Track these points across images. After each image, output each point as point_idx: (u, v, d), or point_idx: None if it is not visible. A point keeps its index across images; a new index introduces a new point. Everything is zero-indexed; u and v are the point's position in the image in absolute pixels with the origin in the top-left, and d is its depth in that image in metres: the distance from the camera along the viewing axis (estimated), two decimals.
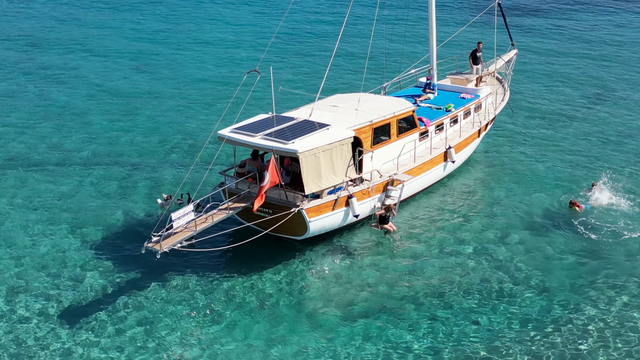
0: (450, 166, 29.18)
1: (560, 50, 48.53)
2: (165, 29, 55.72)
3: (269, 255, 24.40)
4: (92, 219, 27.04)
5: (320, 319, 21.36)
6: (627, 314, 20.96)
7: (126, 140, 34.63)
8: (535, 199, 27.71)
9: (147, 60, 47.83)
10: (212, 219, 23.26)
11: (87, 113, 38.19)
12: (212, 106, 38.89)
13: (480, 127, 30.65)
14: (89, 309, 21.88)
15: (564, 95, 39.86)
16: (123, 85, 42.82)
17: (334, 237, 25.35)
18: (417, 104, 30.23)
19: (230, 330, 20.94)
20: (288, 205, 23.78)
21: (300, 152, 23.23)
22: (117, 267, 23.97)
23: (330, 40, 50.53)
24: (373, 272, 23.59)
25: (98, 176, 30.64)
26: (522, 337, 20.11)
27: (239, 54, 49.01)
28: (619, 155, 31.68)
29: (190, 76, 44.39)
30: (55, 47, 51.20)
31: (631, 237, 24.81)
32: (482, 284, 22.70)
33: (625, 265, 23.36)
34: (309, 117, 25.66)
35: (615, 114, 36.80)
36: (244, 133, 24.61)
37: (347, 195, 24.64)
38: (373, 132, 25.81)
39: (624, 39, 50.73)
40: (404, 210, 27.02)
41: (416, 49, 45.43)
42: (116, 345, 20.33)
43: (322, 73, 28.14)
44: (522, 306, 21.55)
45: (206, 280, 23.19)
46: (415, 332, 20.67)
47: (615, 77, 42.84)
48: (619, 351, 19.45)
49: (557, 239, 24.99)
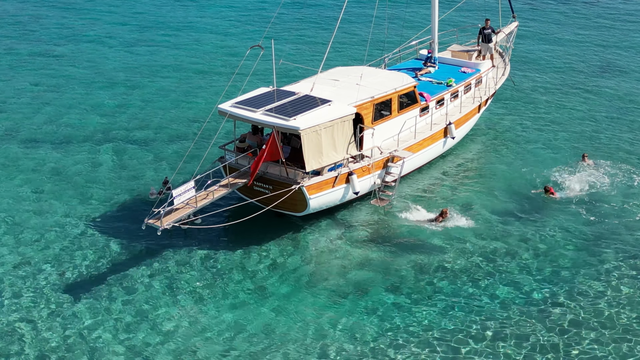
0: (450, 142, 29.17)
1: (563, 22, 48.20)
2: (168, 3, 54.97)
3: (269, 231, 24.51)
4: (92, 195, 27.02)
5: (320, 295, 21.55)
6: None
7: (127, 115, 34.37)
8: (534, 175, 27.74)
9: (148, 35, 47.21)
10: (213, 195, 23.30)
11: (88, 88, 37.79)
12: (214, 80, 38.53)
13: (480, 102, 30.57)
14: (87, 286, 22.01)
15: (566, 68, 39.70)
16: (124, 60, 42.28)
17: (334, 214, 25.44)
18: (417, 77, 30.09)
19: (230, 305, 21.13)
20: (289, 182, 23.81)
21: (302, 129, 23.18)
22: (117, 243, 24.04)
23: (333, 11, 50.00)
24: (373, 248, 23.74)
25: (98, 152, 30.47)
26: (523, 311, 20.35)
27: (242, 28, 48.43)
28: (617, 132, 31.72)
29: (192, 51, 43.87)
30: (54, 23, 50.51)
31: (627, 211, 25.05)
32: (483, 260, 22.88)
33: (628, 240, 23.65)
34: (310, 91, 25.53)
35: (619, 88, 36.71)
36: (245, 108, 24.46)
37: (347, 172, 24.66)
38: (374, 108, 25.73)
39: (630, 10, 50.37)
40: (404, 187, 27.09)
41: (418, 19, 45.04)
42: (114, 321, 20.53)
43: (324, 46, 27.94)
44: (522, 281, 21.76)
45: (206, 257, 23.31)
46: (416, 307, 20.89)
47: (620, 50, 42.63)
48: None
49: (555, 214, 25.12)
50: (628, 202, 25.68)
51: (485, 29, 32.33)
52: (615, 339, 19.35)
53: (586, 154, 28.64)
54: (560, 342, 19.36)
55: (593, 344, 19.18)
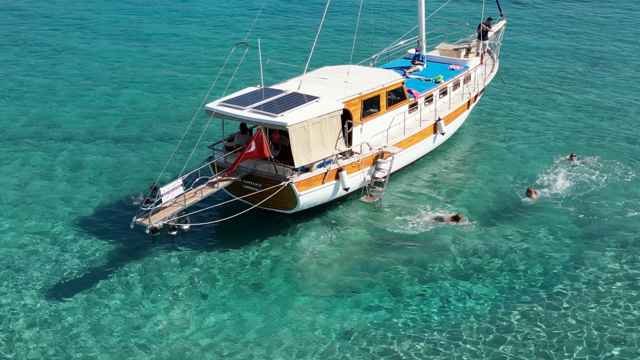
0: (439, 138, 29.05)
1: (550, 20, 48.35)
2: (153, 2, 55.01)
3: (259, 230, 24.28)
4: (77, 195, 26.80)
5: (310, 293, 21.29)
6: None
7: (113, 114, 34.29)
8: (525, 171, 27.59)
9: (134, 34, 47.28)
10: (202, 193, 23.08)
11: (74, 88, 37.76)
12: (200, 79, 38.55)
13: (469, 98, 30.50)
14: (71, 287, 21.65)
15: (555, 66, 39.77)
16: (109, 60, 42.31)
17: (324, 212, 25.23)
18: (406, 75, 30.02)
19: (219, 304, 20.83)
20: (278, 179, 23.61)
21: (290, 124, 23.02)
22: (105, 242, 23.75)
23: (319, 12, 50.10)
24: (363, 245, 23.52)
25: (84, 152, 30.34)
26: (514, 307, 20.14)
27: (227, 26, 48.50)
28: (605, 129, 31.67)
29: (178, 49, 43.94)
30: (42, 21, 50.49)
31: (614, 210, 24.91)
32: (472, 256, 22.65)
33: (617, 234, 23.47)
34: (298, 89, 25.42)
35: (608, 86, 36.73)
36: (232, 106, 24.36)
37: (337, 168, 24.49)
38: (362, 104, 25.61)
39: (618, 8, 50.55)
40: (394, 183, 26.92)
41: (405, 20, 45.11)
42: (101, 320, 20.18)
43: (311, 45, 27.86)
44: (512, 277, 21.56)
45: (195, 255, 23.04)
46: (406, 302, 20.65)
47: (609, 48, 42.73)
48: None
49: (542, 213, 24.93)
50: (618, 201, 25.38)
51: (484, 24, 32.34)
52: (610, 338, 19.07)
53: (574, 153, 28.47)
54: (552, 342, 19.14)
55: (585, 345, 18.89)
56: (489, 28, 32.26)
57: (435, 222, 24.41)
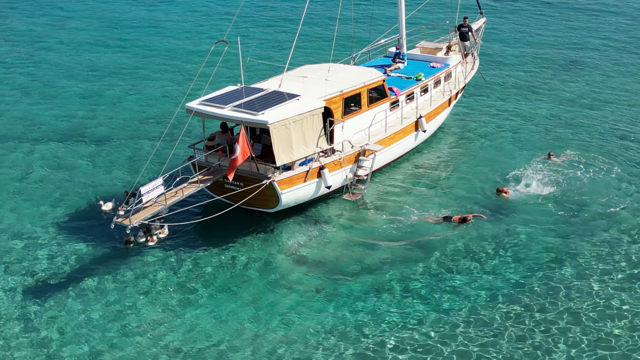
0: (421, 136, 29.04)
1: (531, 17, 48.55)
2: (132, 2, 54.67)
3: (241, 229, 24.11)
4: (59, 195, 26.52)
5: (293, 291, 21.16)
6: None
7: (92, 114, 33.98)
8: (504, 169, 27.53)
9: (112, 34, 46.94)
10: (182, 193, 22.88)
11: (53, 87, 37.39)
12: (180, 78, 38.34)
13: (450, 96, 30.53)
14: (55, 287, 21.41)
15: (535, 64, 39.90)
16: (89, 59, 41.96)
17: (306, 209, 25.12)
18: (387, 73, 29.97)
19: (202, 304, 20.65)
20: (259, 178, 23.47)
21: (271, 122, 22.89)
22: (85, 243, 23.48)
23: (299, 10, 50.01)
24: (346, 243, 23.44)
25: (64, 151, 30.04)
26: (495, 304, 20.14)
27: (207, 25, 48.29)
28: (584, 125, 31.83)
29: (158, 48, 43.66)
30: (18, 19, 49.99)
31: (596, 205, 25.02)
32: (453, 254, 22.59)
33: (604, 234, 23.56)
34: (279, 88, 25.30)
35: (588, 83, 36.92)
36: (213, 105, 24.20)
37: (318, 166, 24.39)
38: (344, 102, 25.53)
39: (600, 4, 50.87)
40: (376, 180, 26.87)
41: (385, 18, 45.10)
42: (83, 322, 19.93)
43: (291, 43, 27.74)
44: (491, 275, 21.54)
45: (177, 255, 22.83)
46: (388, 300, 20.58)
47: (588, 45, 42.97)
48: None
49: (523, 207, 24.97)
50: (597, 197, 25.42)
51: (462, 27, 32.30)
52: (593, 341, 19.10)
53: (552, 152, 28.51)
54: (534, 339, 19.16)
55: (570, 346, 18.93)
56: (471, 32, 32.23)
57: (417, 219, 24.39)
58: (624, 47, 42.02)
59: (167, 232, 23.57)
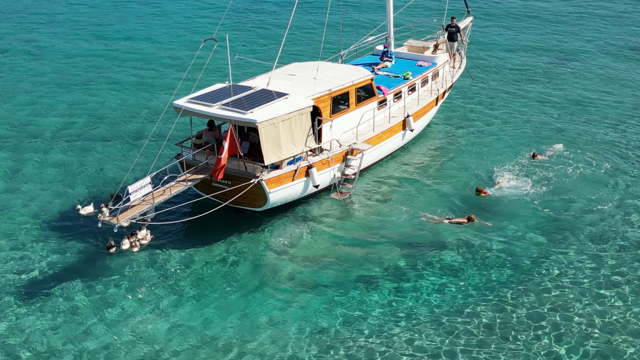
0: (408, 134, 29.11)
1: (518, 15, 48.72)
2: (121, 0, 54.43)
3: (229, 228, 24.09)
4: (46, 194, 26.35)
5: (281, 289, 21.18)
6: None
7: (80, 113, 33.76)
8: (490, 168, 27.63)
9: (100, 31, 46.64)
10: (170, 192, 22.80)
11: (39, 87, 37.09)
12: (168, 76, 38.16)
13: (438, 95, 30.60)
14: (32, 289, 21.19)
15: (521, 64, 40.04)
16: (77, 57, 41.66)
17: (295, 208, 25.13)
18: (374, 72, 30.00)
19: (188, 303, 20.60)
20: (247, 177, 23.44)
21: (259, 122, 22.86)
22: (72, 241, 23.37)
23: (288, 8, 49.96)
24: (334, 242, 23.47)
25: (51, 150, 29.83)
26: (483, 301, 20.25)
27: (196, 23, 48.11)
28: (570, 123, 32.01)
29: (146, 46, 43.44)
30: (5, 19, 49.55)
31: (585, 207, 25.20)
32: (441, 251, 22.71)
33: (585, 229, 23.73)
34: (267, 86, 25.26)
35: (574, 81, 37.14)
36: (201, 103, 24.12)
37: (306, 165, 24.40)
38: (332, 101, 25.54)
39: (584, 6, 51.12)
40: (364, 179, 26.92)
41: (373, 16, 45.13)
42: (70, 320, 19.87)
43: (279, 41, 27.71)
44: (478, 273, 21.62)
45: (164, 254, 22.78)
46: (376, 297, 20.66)
47: (575, 42, 43.19)
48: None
49: (507, 205, 25.08)
50: (582, 195, 25.63)
51: (450, 27, 32.35)
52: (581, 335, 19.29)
53: (536, 151, 28.63)
54: (518, 335, 19.30)
55: (553, 341, 19.09)
56: (459, 32, 32.30)
57: (405, 218, 24.48)
58: (608, 49, 42.27)
59: (150, 238, 23.21)
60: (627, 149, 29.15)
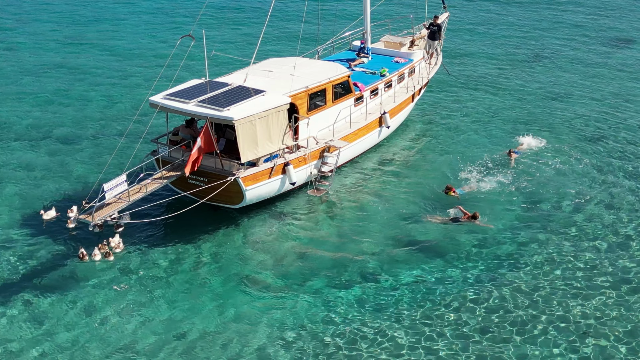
0: (385, 131, 29.21)
1: (494, 11, 48.95)
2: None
3: (205, 225, 24.05)
4: (20, 193, 26.01)
5: (258, 287, 21.21)
6: None
7: (54, 110, 33.34)
8: (464, 166, 27.77)
9: (77, 29, 46.06)
10: (146, 189, 22.71)
11: (13, 85, 36.53)
12: (145, 72, 37.80)
13: (414, 91, 30.72)
14: (7, 290, 21.01)
15: (498, 58, 40.32)
16: (53, 54, 41.14)
17: (271, 205, 25.14)
18: (351, 68, 30.04)
19: (164, 302, 20.53)
20: (224, 174, 23.41)
21: (236, 119, 22.81)
22: (46, 240, 23.17)
23: (266, 3, 49.78)
24: (310, 238, 23.55)
25: (25, 149, 29.40)
26: (459, 295, 20.46)
27: (173, 19, 47.73)
28: (548, 120, 32.33)
29: (122, 43, 42.97)
30: None
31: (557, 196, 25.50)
32: (417, 246, 22.87)
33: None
34: (244, 82, 25.20)
35: (550, 77, 37.44)
36: (177, 99, 23.99)
37: (283, 162, 24.41)
38: (309, 98, 25.54)
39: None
40: (340, 176, 26.99)
41: (350, 10, 45.10)
42: (44, 321, 19.75)
43: (256, 37, 27.60)
44: (456, 268, 21.85)
45: (140, 252, 22.69)
46: (353, 293, 20.80)
47: (553, 38, 43.52)
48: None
49: (484, 202, 25.30)
50: (559, 190, 25.99)
51: (433, 25, 32.37)
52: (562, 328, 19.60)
53: (512, 149, 28.86)
54: (500, 328, 19.53)
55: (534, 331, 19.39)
56: (440, 31, 32.37)
57: (381, 214, 24.60)
58: (586, 42, 42.70)
59: (122, 247, 22.76)
60: (605, 142, 29.58)
